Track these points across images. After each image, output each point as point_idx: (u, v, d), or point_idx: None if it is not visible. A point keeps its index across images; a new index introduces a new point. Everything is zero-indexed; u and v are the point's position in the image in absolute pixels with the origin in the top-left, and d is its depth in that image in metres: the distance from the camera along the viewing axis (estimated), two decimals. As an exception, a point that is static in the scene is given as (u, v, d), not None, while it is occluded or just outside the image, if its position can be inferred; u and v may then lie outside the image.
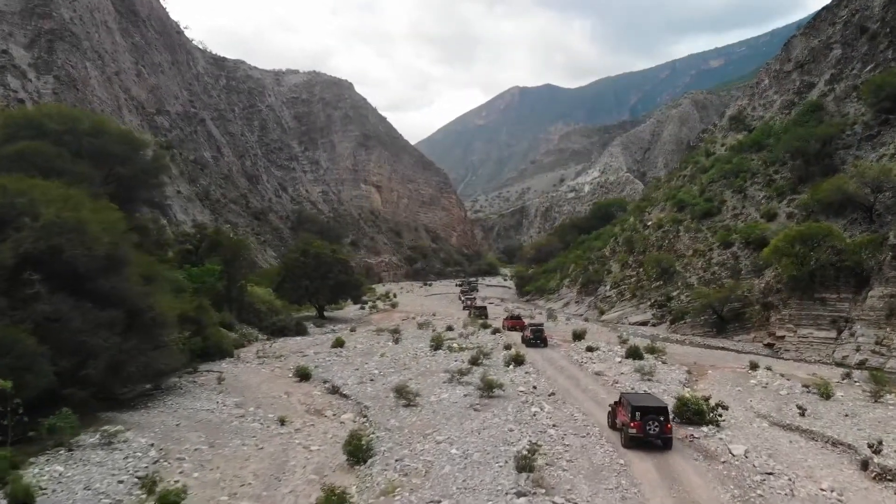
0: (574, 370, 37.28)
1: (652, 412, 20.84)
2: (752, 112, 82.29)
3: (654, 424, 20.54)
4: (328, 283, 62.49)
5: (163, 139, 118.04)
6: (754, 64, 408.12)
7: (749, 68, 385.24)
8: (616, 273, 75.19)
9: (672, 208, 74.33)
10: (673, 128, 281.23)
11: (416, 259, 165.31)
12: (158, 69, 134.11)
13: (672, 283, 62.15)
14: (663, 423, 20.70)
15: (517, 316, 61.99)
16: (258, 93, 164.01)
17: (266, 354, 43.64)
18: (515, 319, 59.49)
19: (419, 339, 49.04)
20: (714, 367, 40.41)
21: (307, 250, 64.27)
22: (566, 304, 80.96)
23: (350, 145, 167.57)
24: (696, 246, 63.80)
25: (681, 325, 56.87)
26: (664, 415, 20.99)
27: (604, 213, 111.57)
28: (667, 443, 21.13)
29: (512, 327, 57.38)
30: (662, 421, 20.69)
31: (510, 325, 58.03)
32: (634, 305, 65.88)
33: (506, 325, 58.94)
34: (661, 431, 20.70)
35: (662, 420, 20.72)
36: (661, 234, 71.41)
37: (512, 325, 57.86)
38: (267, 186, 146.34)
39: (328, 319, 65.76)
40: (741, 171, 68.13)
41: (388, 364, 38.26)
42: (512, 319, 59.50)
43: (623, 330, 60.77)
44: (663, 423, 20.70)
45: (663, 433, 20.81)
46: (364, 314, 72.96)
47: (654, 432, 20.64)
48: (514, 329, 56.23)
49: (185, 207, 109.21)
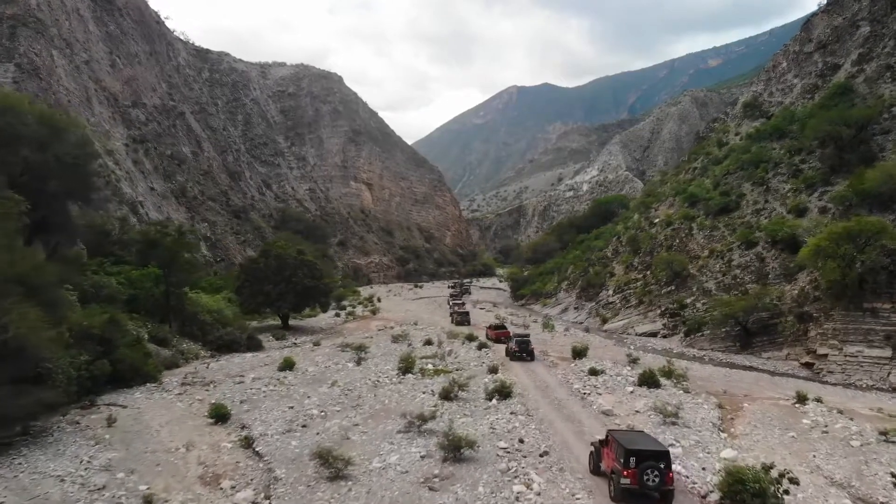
0: (574, 406, 28.68)
1: (650, 458, 16.66)
2: (770, 98, 73.73)
3: (654, 474, 16.41)
4: (292, 289, 53.88)
5: (137, 133, 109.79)
6: (753, 63, 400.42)
7: (748, 67, 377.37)
8: (620, 276, 66.61)
9: (682, 203, 65.76)
10: (673, 126, 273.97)
11: (408, 260, 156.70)
12: (135, 60, 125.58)
13: (685, 289, 53.56)
14: (664, 472, 16.58)
15: (501, 325, 53.71)
16: (243, 86, 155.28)
17: (194, 380, 35.06)
18: (499, 329, 51.36)
19: (388, 357, 40.46)
20: (749, 399, 31.84)
21: (268, 251, 55.64)
22: (564, 310, 72.35)
23: (339, 141, 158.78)
24: (713, 246, 55.21)
25: (697, 338, 48.29)
26: (666, 461, 16.82)
27: (604, 210, 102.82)
28: (667, 497, 16.87)
29: (497, 339, 49.45)
30: (663, 469, 16.59)
31: (494, 336, 50.12)
32: (642, 313, 57.29)
33: (489, 336, 51.03)
34: (662, 483, 16.53)
35: (663, 468, 16.61)
36: (671, 233, 62.87)
37: (497, 336, 49.90)
38: (250, 183, 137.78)
39: (293, 330, 57.17)
40: (761, 161, 59.60)
41: (337, 398, 29.64)
42: (496, 329, 51.38)
43: (630, 343, 52.20)
44: (664, 472, 16.58)
45: (664, 485, 16.59)
46: (338, 322, 64.35)
47: (653, 484, 16.41)
48: (500, 340, 48.38)
49: (158, 205, 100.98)
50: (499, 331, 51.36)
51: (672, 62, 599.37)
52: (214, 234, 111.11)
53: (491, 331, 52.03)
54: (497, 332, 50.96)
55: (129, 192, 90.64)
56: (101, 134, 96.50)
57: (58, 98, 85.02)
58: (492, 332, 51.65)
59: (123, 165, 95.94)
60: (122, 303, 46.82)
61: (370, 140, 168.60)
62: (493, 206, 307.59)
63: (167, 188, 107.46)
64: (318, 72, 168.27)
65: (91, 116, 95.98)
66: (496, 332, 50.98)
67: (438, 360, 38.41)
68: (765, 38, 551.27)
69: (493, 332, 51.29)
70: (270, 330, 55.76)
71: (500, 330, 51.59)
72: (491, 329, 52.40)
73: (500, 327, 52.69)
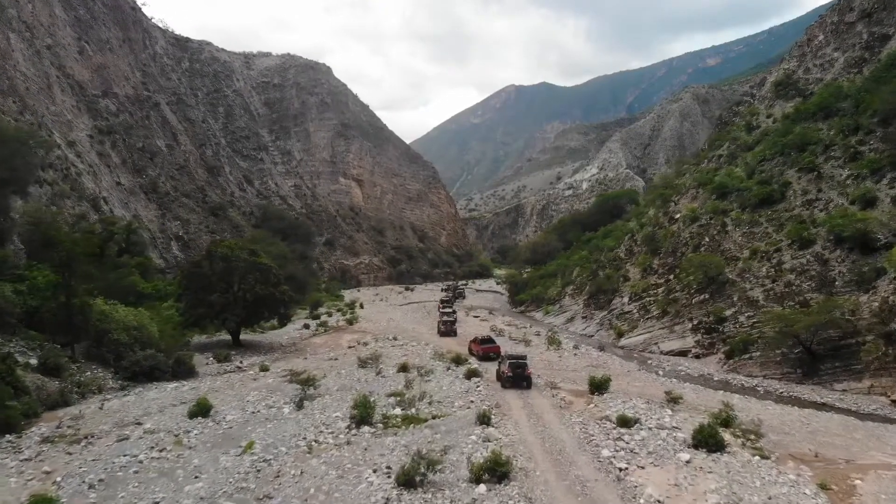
0: (608, 493, 18.03)
1: None
2: (806, 75, 63.21)
3: None
4: (240, 299, 43.18)
5: (104, 123, 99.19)
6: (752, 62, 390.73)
7: (746, 66, 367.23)
8: (636, 281, 55.99)
9: (709, 195, 55.15)
10: (674, 123, 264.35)
11: (401, 260, 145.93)
12: (106, 47, 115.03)
13: (723, 298, 42.91)
14: None
15: (488, 338, 43.69)
16: (225, 76, 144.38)
17: (65, 433, 24.51)
18: (486, 344, 41.80)
19: (345, 394, 29.86)
20: (856, 466, 21.30)
21: (212, 252, 44.90)
22: (570, 320, 61.69)
23: (327, 135, 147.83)
24: (755, 244, 44.57)
25: (744, 362, 37.65)
26: None
27: (611, 206, 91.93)
28: None
29: (484, 355, 40.04)
30: None
31: (481, 352, 40.67)
32: (666, 326, 46.65)
33: (475, 351, 41.61)
34: None
35: None
36: (698, 230, 52.23)
37: (484, 353, 40.43)
38: (229, 179, 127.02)
39: (244, 348, 46.42)
40: (807, 143, 49.04)
41: (240, 478, 18.95)
42: (482, 344, 41.81)
43: (655, 364, 41.56)
44: None
45: None
46: (304, 336, 53.60)
47: None
48: (488, 357, 39.44)
49: (125, 201, 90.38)
50: (486, 345, 41.56)
51: (670, 61, 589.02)
52: (188, 232, 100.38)
53: (476, 345, 42.30)
54: (484, 348, 41.16)
55: (91, 186, 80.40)
56: (62, 124, 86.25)
57: (13, 84, 74.91)
58: (477, 346, 41.92)
59: (86, 158, 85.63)
60: (19, 317, 36.50)
61: (360, 134, 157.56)
62: (491, 206, 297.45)
63: (136, 183, 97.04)
64: (305, 62, 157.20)
65: (52, 105, 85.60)
66: (483, 348, 41.19)
67: (411, 400, 27.64)
68: (763, 37, 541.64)
69: (478, 347, 41.68)
70: (218, 347, 45.09)
71: (487, 345, 41.74)
72: (476, 343, 42.64)
73: (486, 341, 42.74)
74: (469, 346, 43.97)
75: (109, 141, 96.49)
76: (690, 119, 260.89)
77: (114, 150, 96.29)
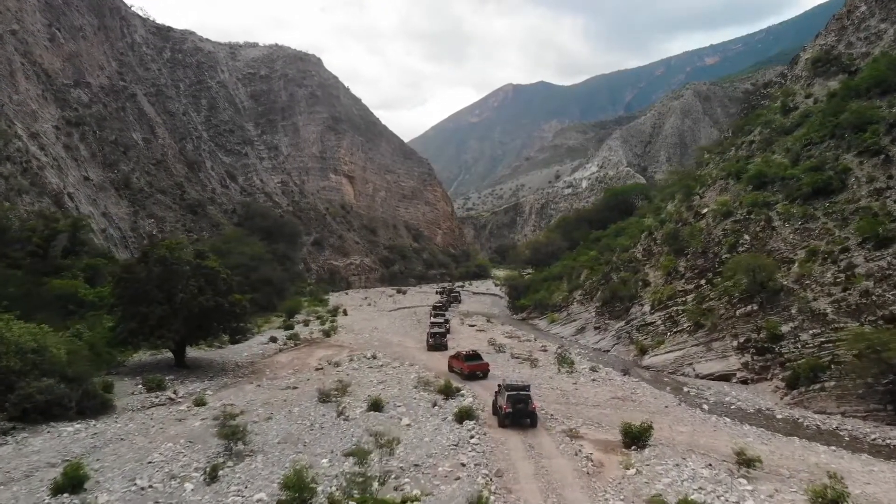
0: None
1: None
2: (849, 49, 54.74)
3: None
4: (181, 311, 34.47)
5: (73, 114, 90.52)
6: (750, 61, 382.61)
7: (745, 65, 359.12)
8: (658, 286, 47.37)
9: (744, 186, 46.54)
10: (675, 120, 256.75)
11: (394, 261, 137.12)
12: (79, 34, 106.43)
13: (777, 309, 34.30)
14: None
15: (474, 354, 35.96)
16: (209, 67, 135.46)
17: None
18: (472, 361, 34.79)
19: (286, 452, 21.23)
20: None
21: (148, 253, 36.15)
22: (580, 330, 53.03)
23: (317, 129, 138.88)
24: (812, 243, 35.99)
25: (813, 394, 29.02)
26: None
27: (619, 202, 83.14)
28: None
29: (470, 373, 33.54)
30: None
31: (467, 370, 33.95)
32: (702, 343, 38.03)
33: (457, 369, 35.30)
34: None
35: None
36: (733, 226, 43.60)
37: (470, 370, 33.82)
38: (211, 174, 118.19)
39: (191, 369, 37.62)
40: (866, 122, 40.48)
41: None
42: (468, 361, 34.79)
43: (693, 391, 32.96)
44: None
45: None
46: (269, 352, 44.77)
47: None
48: (474, 377, 33.61)
49: (93, 197, 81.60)
50: (471, 363, 34.38)
51: (668, 60, 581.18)
52: (162, 231, 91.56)
53: (458, 362, 35.24)
54: (469, 366, 34.13)
55: (55, 181, 71.87)
56: (25, 114, 77.64)
57: (-28, 71, 66.83)
58: (460, 363, 35.00)
59: (51, 151, 76.96)
60: None
61: (352, 128, 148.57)
62: (489, 205, 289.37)
63: (106, 178, 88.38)
64: (294, 52, 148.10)
65: (14, 94, 76.89)
66: (468, 365, 34.18)
67: (372, 478, 18.84)
68: (762, 35, 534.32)
69: (461, 364, 34.75)
70: (157, 369, 36.40)
71: (472, 361, 34.53)
72: (458, 360, 35.44)
73: (472, 357, 35.27)
74: (450, 363, 36.53)
75: (78, 133, 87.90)
76: (692, 116, 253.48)
77: (83, 143, 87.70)
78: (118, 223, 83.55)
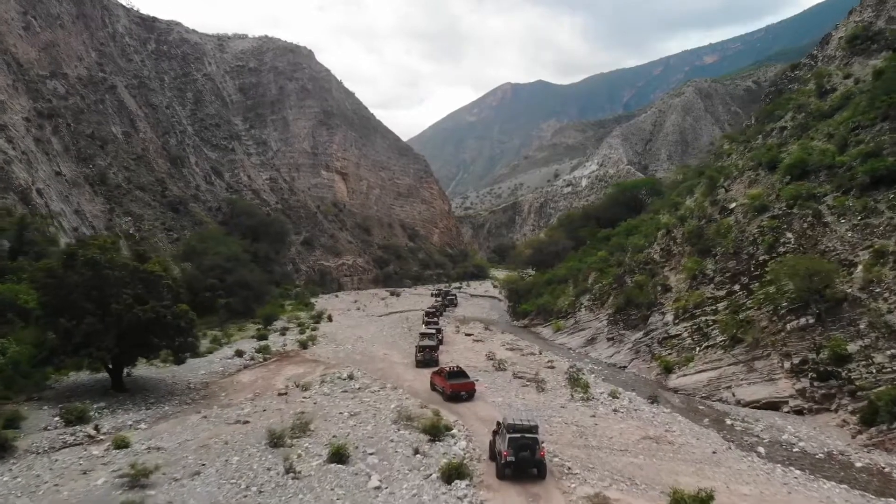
0: None
1: None
2: (890, 25, 48.32)
3: None
4: (114, 325, 27.92)
5: (46, 106, 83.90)
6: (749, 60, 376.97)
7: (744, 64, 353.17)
8: (682, 292, 40.86)
9: (781, 177, 40.03)
10: (676, 118, 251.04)
11: (388, 261, 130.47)
12: (56, 23, 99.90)
13: (841, 323, 27.78)
14: None
15: (458, 371, 30.37)
16: (195, 59, 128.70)
17: None
18: (456, 379, 29.43)
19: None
20: None
21: (74, 254, 29.56)
22: (591, 341, 46.48)
23: (308, 124, 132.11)
24: (878, 242, 29.48)
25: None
26: None
27: (628, 197, 76.32)
28: None
29: (454, 394, 28.73)
30: None
31: (450, 390, 28.97)
32: (742, 362, 31.52)
33: (439, 387, 30.13)
34: None
35: None
36: (770, 223, 37.06)
37: (454, 390, 28.90)
38: (195, 170, 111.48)
39: (130, 392, 30.99)
40: (929, 101, 34.00)
41: None
42: (451, 379, 29.47)
43: (741, 424, 26.46)
44: None
45: None
46: (231, 369, 38.12)
47: None
48: (458, 397, 28.52)
49: (65, 194, 74.99)
50: (455, 381, 29.01)
51: (667, 59, 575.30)
52: (140, 230, 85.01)
53: (441, 379, 29.93)
54: (453, 385, 28.78)
55: (22, 176, 65.31)
56: (-7, 105, 71.40)
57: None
58: (442, 381, 29.72)
59: (20, 144, 70.41)
60: None
61: (345, 123, 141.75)
62: (487, 204, 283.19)
63: (80, 173, 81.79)
64: (284, 44, 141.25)
65: (-16, 84, 70.93)
66: (452, 385, 28.80)
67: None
68: (760, 34, 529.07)
69: (444, 383, 29.47)
70: (87, 395, 29.80)
71: (456, 380, 29.14)
72: (441, 377, 30.05)
73: (456, 374, 29.78)
74: (432, 380, 31.01)
75: (51, 126, 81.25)
76: (693, 114, 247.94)
77: (55, 136, 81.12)
78: (91, 221, 77.04)
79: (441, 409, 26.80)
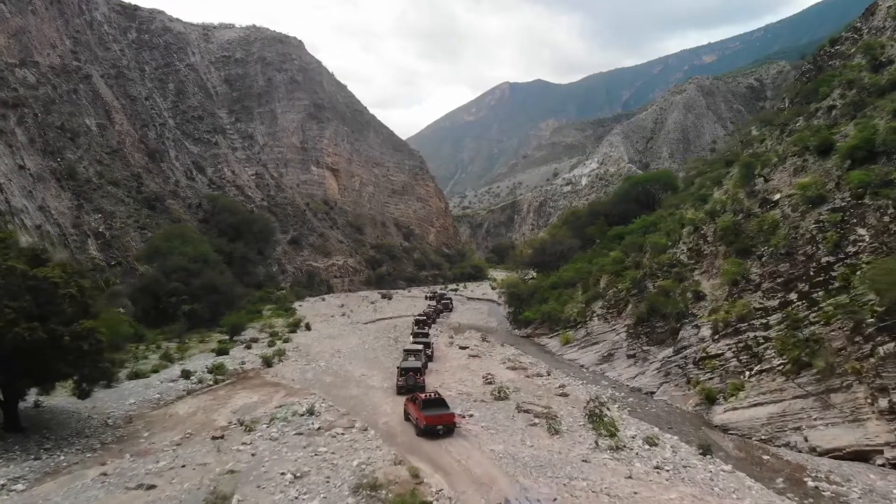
0: None
1: None
2: (954, -11, 41.33)
3: None
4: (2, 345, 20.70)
5: (12, 95, 76.83)
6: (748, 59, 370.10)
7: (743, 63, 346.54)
8: (719, 300, 33.57)
9: (839, 163, 32.76)
10: (678, 115, 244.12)
11: (382, 261, 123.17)
12: (27, 9, 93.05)
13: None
14: None
15: (436, 399, 23.80)
16: (178, 49, 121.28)
17: None
18: (433, 410, 23.11)
19: None
20: None
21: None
22: (607, 358, 39.12)
23: (297, 117, 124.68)
24: None
25: None
26: None
27: (640, 192, 68.63)
28: None
29: (429, 427, 22.41)
30: None
31: (426, 423, 22.55)
32: (813, 394, 24.23)
33: (414, 419, 23.68)
34: None
35: None
36: (832, 216, 29.82)
37: (429, 423, 22.51)
38: (175, 165, 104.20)
39: (27, 432, 23.64)
40: None
41: None
42: (427, 409, 23.20)
43: (829, 491, 18.98)
44: None
45: None
46: (169, 396, 30.71)
47: None
48: (433, 432, 22.25)
49: (29, 189, 67.89)
50: (431, 412, 22.74)
51: (666, 58, 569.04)
52: (111, 228, 77.73)
53: (415, 409, 23.80)
54: (429, 417, 22.54)
55: None
56: (-47, 94, 64.60)
57: None
58: (417, 411, 23.52)
59: None
60: None
61: (336, 117, 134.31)
62: (486, 203, 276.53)
63: (46, 167, 74.47)
64: (273, 34, 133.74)
65: (-54, 71, 63.94)
66: (428, 417, 22.56)
67: None
68: (760, 34, 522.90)
69: (419, 414, 23.30)
70: None
71: (432, 410, 22.82)
72: (415, 405, 23.85)
73: (433, 404, 23.36)
74: (405, 408, 25.02)
75: (15, 116, 73.99)
76: (695, 111, 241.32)
77: (20, 127, 73.92)
78: (57, 218, 69.88)
79: (422, 463, 19.51)
